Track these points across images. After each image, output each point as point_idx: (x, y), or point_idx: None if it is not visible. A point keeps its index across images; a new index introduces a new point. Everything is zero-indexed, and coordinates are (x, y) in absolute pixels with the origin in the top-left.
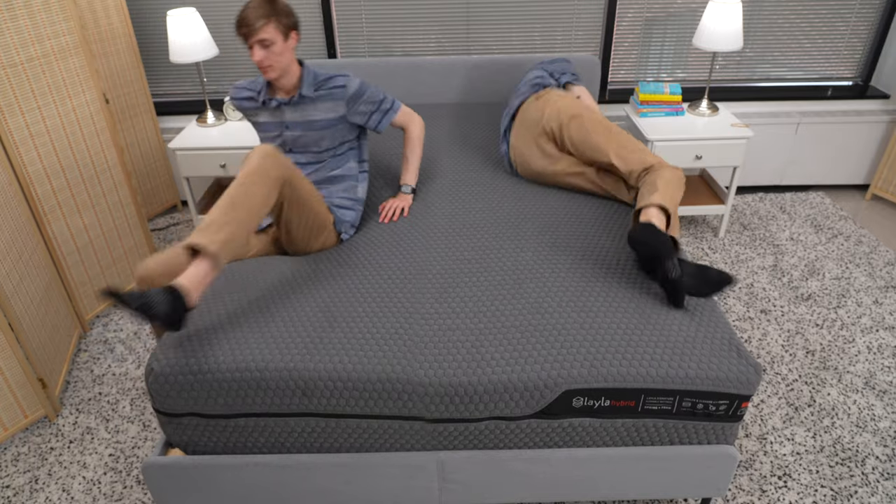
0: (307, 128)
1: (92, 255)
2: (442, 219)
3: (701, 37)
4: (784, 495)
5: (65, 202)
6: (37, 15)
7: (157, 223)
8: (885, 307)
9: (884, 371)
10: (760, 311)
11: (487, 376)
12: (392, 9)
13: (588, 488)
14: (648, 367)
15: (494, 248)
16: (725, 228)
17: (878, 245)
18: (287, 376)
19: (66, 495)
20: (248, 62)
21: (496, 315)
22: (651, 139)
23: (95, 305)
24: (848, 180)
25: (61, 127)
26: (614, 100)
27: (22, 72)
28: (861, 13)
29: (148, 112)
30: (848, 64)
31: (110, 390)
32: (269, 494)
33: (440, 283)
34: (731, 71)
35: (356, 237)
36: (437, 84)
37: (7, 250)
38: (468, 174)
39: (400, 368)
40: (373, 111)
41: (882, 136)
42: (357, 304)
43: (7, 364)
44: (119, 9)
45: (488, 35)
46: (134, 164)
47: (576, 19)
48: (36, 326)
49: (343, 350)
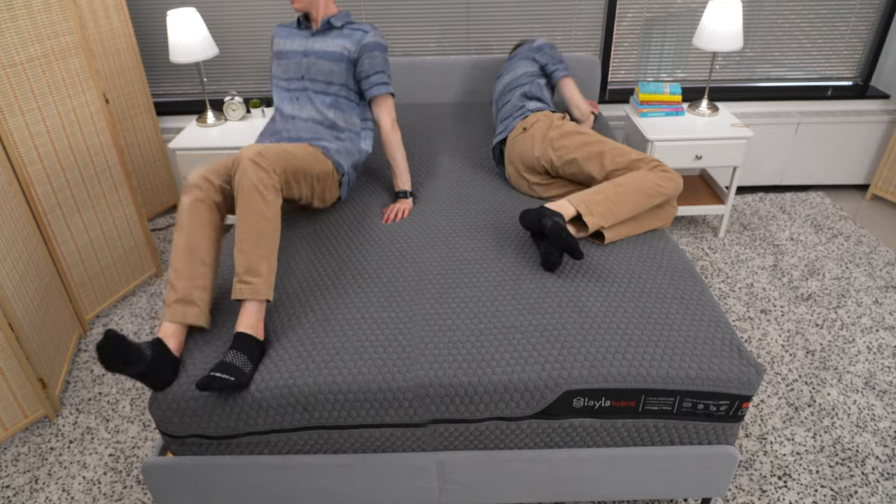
0: (322, 56)
1: (92, 255)
2: (442, 219)
3: (701, 37)
4: (784, 495)
5: (65, 202)
6: (37, 15)
7: (157, 223)
8: (885, 307)
9: (884, 371)
10: (760, 311)
11: (488, 377)
12: (392, 9)
13: (588, 488)
14: (649, 367)
15: (494, 248)
16: (725, 228)
17: (878, 245)
18: (287, 393)
19: (66, 495)
20: (248, 62)
21: (496, 316)
22: (651, 139)
23: (95, 305)
24: (848, 180)
25: (61, 127)
26: (614, 100)
27: (22, 72)
28: (861, 13)
29: (148, 112)
30: (848, 64)
31: (110, 390)
32: (269, 495)
33: (440, 284)
34: (731, 71)
35: (356, 237)
36: (437, 84)
37: (7, 250)
38: (468, 174)
39: (400, 376)
40: (368, 73)
41: (882, 136)
42: (356, 307)
43: (7, 364)
44: (119, 9)
45: (488, 35)
46: (134, 164)
47: (576, 19)
48: (36, 326)
49: (342, 361)
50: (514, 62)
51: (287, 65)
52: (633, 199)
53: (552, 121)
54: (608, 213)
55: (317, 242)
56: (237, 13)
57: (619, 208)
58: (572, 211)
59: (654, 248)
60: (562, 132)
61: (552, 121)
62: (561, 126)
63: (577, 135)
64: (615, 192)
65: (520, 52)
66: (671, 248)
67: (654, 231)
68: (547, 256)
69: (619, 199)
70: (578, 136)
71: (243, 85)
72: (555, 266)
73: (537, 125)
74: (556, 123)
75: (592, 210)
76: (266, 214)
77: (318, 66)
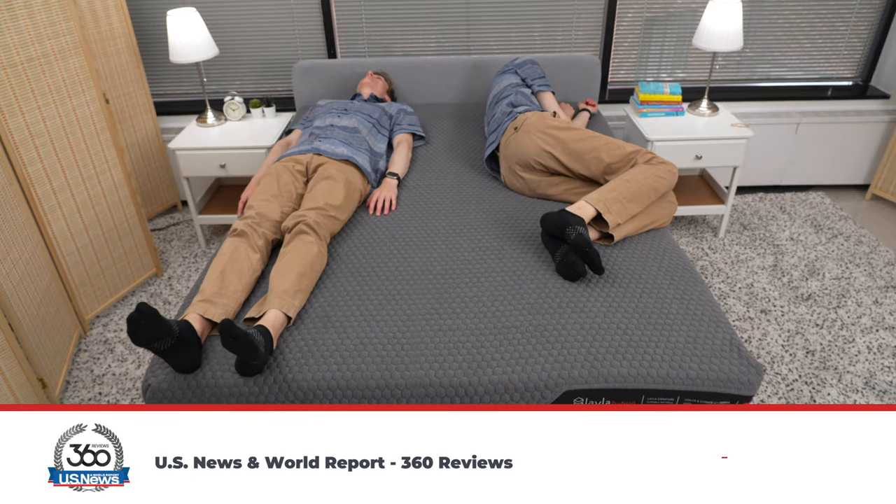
0: (360, 111)
1: (92, 255)
2: (442, 219)
3: (701, 37)
4: None
5: (65, 202)
6: (37, 15)
7: (157, 223)
8: (885, 307)
9: (884, 371)
10: (760, 311)
11: (488, 377)
12: (392, 9)
13: None
14: (649, 367)
15: (494, 248)
16: (725, 228)
17: (878, 245)
18: (286, 388)
19: None
20: (248, 62)
21: (496, 315)
22: (651, 139)
23: (95, 305)
24: (848, 180)
25: (61, 127)
26: (614, 100)
27: (22, 72)
28: (861, 13)
29: (148, 112)
30: (848, 64)
31: (110, 390)
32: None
33: (440, 284)
34: (731, 71)
35: (355, 236)
36: (437, 84)
37: (7, 250)
38: (468, 174)
39: (398, 374)
40: (402, 117)
41: (882, 136)
42: (356, 305)
43: (7, 364)
44: (119, 9)
45: (488, 35)
46: (134, 164)
47: (576, 19)
48: (36, 326)
49: (341, 357)
50: (498, 78)
51: (323, 110)
52: (643, 194)
53: (543, 117)
54: (623, 211)
55: None
56: (237, 13)
57: (631, 204)
58: (592, 212)
59: (654, 248)
60: (556, 125)
61: (543, 117)
62: (555, 121)
63: (571, 130)
64: (626, 188)
65: (503, 69)
66: (671, 248)
67: (655, 231)
68: (569, 266)
69: (630, 194)
70: (572, 131)
71: (243, 85)
72: (578, 276)
73: (528, 121)
74: (549, 120)
75: (609, 208)
76: (312, 253)
77: (355, 117)
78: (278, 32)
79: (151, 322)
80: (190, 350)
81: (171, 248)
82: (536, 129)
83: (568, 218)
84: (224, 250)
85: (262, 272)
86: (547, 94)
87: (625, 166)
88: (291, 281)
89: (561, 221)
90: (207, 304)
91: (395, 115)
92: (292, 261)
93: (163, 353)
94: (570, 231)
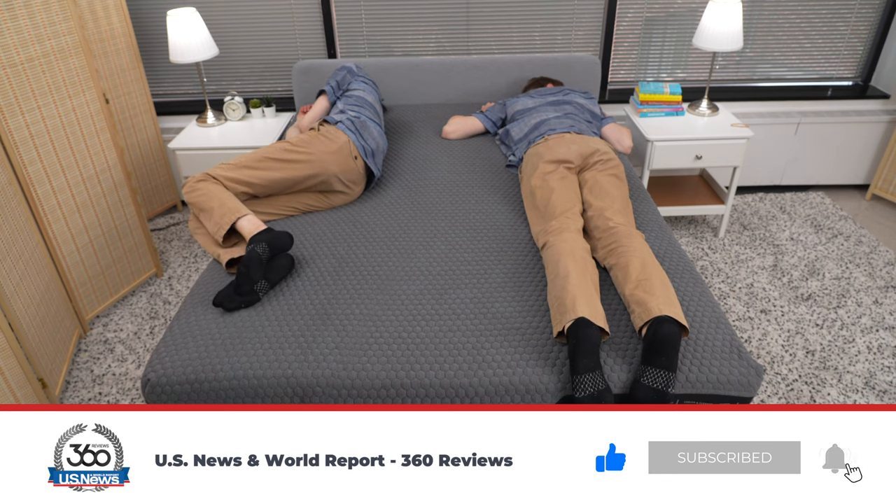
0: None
1: (92, 255)
2: (442, 220)
3: (701, 37)
4: None
5: (65, 202)
6: (37, 15)
7: (157, 223)
8: (885, 307)
9: (884, 371)
10: (760, 311)
11: (489, 378)
12: (392, 9)
13: None
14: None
15: (495, 249)
16: (725, 228)
17: (878, 245)
18: (285, 383)
19: None
20: (248, 62)
21: (497, 317)
22: (651, 139)
23: (95, 305)
24: (848, 180)
25: (61, 127)
26: (614, 100)
27: (22, 72)
28: (861, 13)
29: (148, 112)
30: (848, 64)
31: (110, 390)
32: None
33: (440, 285)
34: (731, 71)
35: (355, 237)
36: (437, 84)
37: (7, 250)
38: (468, 175)
39: (394, 373)
40: None
41: (882, 136)
42: (356, 305)
43: (7, 364)
44: (119, 9)
45: (488, 35)
46: (134, 164)
47: (576, 19)
48: (36, 326)
49: (341, 354)
50: (568, 95)
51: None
52: (664, 278)
53: (606, 148)
54: (673, 301)
55: (317, 240)
56: (237, 13)
57: (669, 290)
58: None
59: (655, 248)
60: (612, 163)
61: (606, 148)
62: (615, 160)
63: (616, 178)
64: (659, 277)
65: (566, 89)
66: (671, 248)
67: (655, 231)
68: (645, 393)
69: (666, 285)
70: (617, 179)
71: (243, 85)
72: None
73: (590, 143)
74: (619, 170)
75: (679, 315)
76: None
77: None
78: (278, 32)
79: (255, 266)
80: (284, 239)
81: (171, 248)
82: (592, 150)
83: (668, 396)
84: (207, 190)
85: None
86: (612, 126)
87: (626, 228)
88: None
89: (660, 396)
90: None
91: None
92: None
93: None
94: (669, 399)
